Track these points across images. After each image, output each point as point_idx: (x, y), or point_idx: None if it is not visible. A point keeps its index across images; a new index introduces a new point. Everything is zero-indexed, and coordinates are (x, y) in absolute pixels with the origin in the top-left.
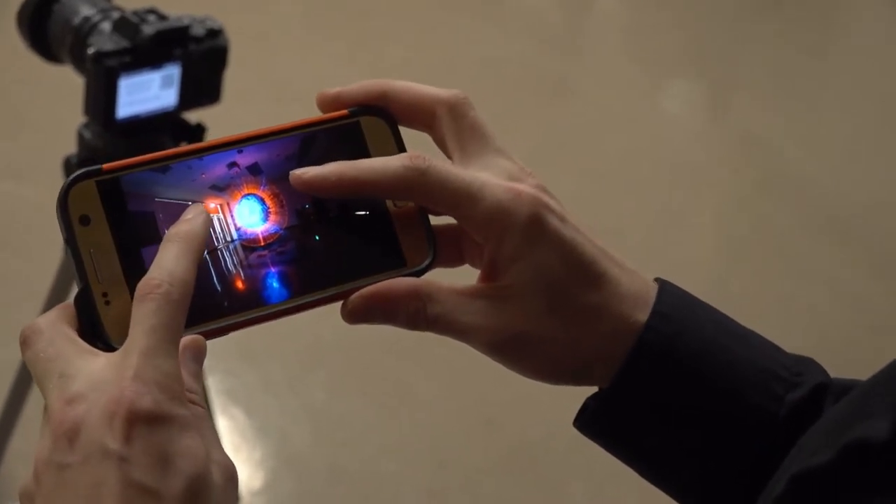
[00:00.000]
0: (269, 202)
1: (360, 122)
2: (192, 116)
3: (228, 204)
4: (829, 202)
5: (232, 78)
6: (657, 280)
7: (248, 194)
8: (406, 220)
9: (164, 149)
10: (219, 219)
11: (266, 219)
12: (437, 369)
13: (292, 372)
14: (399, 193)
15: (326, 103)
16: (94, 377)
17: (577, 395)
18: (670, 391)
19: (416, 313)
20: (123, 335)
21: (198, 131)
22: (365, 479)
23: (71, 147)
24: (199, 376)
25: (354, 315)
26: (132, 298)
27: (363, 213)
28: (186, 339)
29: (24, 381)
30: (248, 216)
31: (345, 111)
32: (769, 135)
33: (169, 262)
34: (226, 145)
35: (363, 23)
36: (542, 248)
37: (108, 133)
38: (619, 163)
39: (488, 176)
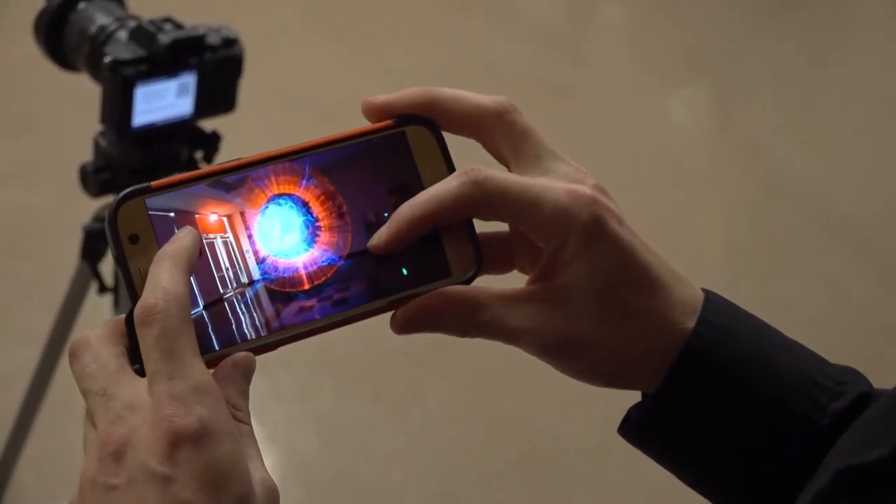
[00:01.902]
0: (323, 222)
1: (405, 133)
2: (208, 125)
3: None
4: (833, 207)
5: (243, 84)
6: (704, 290)
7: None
8: (452, 231)
9: (179, 157)
10: (269, 229)
11: (315, 242)
12: (444, 376)
13: (301, 379)
14: (465, 212)
15: (372, 112)
16: (136, 398)
17: (586, 401)
18: (715, 398)
19: (465, 321)
20: None
21: (213, 140)
22: (373, 486)
23: (78, 152)
24: (245, 394)
25: (404, 327)
26: None
27: None
28: (237, 357)
29: (38, 387)
30: (301, 235)
31: (390, 121)
32: (773, 140)
33: (162, 281)
34: (274, 158)
35: (367, 27)
36: (600, 249)
37: (123, 141)
38: (624, 168)
39: (547, 180)
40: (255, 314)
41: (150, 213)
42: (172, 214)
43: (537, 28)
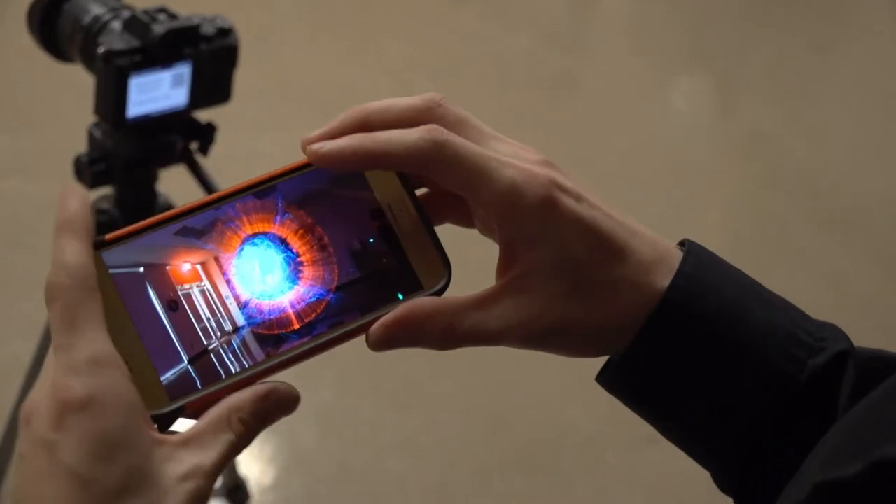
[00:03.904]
0: (305, 257)
1: None
2: (203, 116)
3: (245, 256)
4: (835, 198)
5: (237, 76)
6: (685, 242)
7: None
8: (416, 242)
9: (174, 148)
10: (247, 271)
11: (300, 278)
12: (445, 368)
13: (301, 370)
14: (415, 166)
15: (317, 158)
16: (50, 371)
17: (585, 394)
18: (690, 351)
19: (444, 332)
20: (149, 400)
21: (209, 130)
22: (373, 478)
23: (77, 143)
24: (261, 420)
25: (379, 344)
26: (151, 361)
27: (372, 241)
28: (281, 389)
29: (33, 377)
30: (283, 273)
31: None
32: (775, 131)
33: (64, 256)
34: (226, 197)
35: (368, 19)
36: (559, 230)
37: (118, 132)
38: (625, 159)
39: (504, 157)
40: (244, 362)
41: (110, 271)
42: (141, 269)
43: (538, 19)
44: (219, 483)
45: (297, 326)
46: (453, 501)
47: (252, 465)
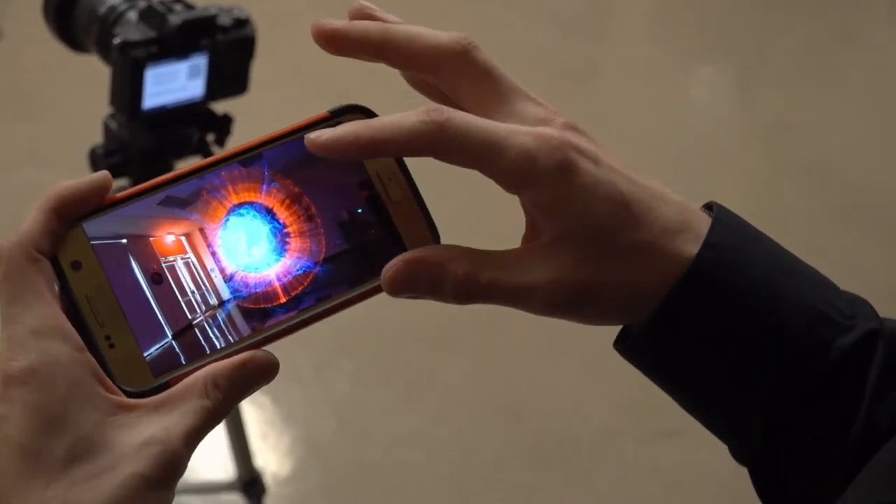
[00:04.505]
0: (291, 227)
1: (343, 122)
2: (220, 107)
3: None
4: (856, 188)
5: (255, 65)
6: (712, 207)
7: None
8: (405, 213)
9: (190, 140)
10: (233, 243)
11: (286, 250)
12: (461, 359)
13: (318, 361)
14: (418, 150)
15: (322, 37)
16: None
17: (600, 385)
18: (715, 322)
19: (466, 279)
20: (132, 376)
21: (225, 122)
22: (388, 469)
23: (92, 133)
24: (238, 392)
25: (396, 282)
26: (134, 336)
27: (360, 211)
28: (259, 357)
29: None
30: (270, 245)
31: (326, 113)
32: (795, 120)
33: (22, 224)
34: (210, 166)
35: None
36: (579, 194)
37: (134, 124)
38: (644, 148)
39: (513, 124)
40: (230, 337)
41: (92, 242)
42: (124, 241)
43: (557, 8)
44: (234, 477)
45: (283, 300)
46: (468, 493)
47: (269, 457)
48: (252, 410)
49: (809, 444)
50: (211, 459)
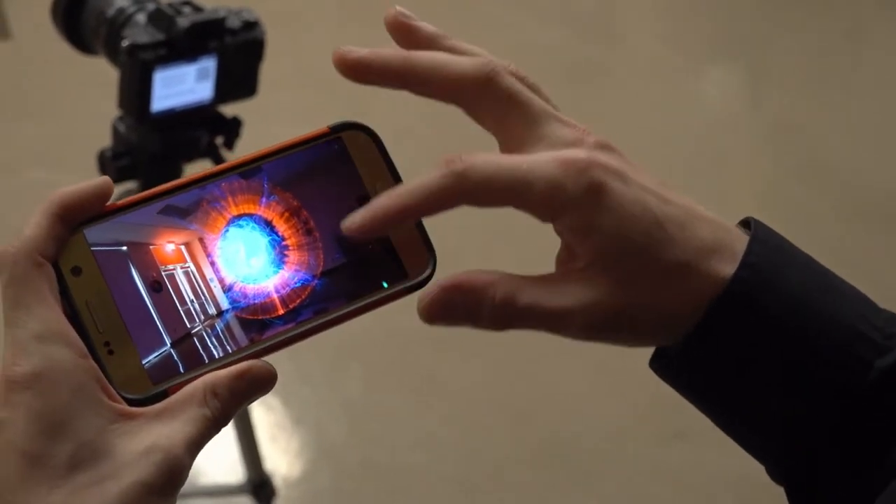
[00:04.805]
0: (290, 241)
1: (342, 139)
2: (229, 110)
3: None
4: (867, 188)
5: (264, 67)
6: (749, 223)
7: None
8: (401, 230)
9: (199, 143)
10: (232, 253)
11: (285, 263)
12: (469, 362)
13: (328, 363)
14: (448, 206)
15: (345, 66)
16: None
17: (608, 388)
18: (753, 343)
19: (504, 303)
20: (131, 383)
21: (234, 125)
22: (398, 471)
23: (101, 134)
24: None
25: (434, 309)
26: (133, 343)
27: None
28: (257, 367)
29: None
30: (269, 257)
31: (325, 128)
32: (806, 119)
33: (26, 228)
34: (210, 177)
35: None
36: (610, 216)
37: (142, 127)
38: (655, 149)
39: (538, 153)
40: (228, 347)
41: (92, 248)
42: (125, 248)
43: (566, 7)
44: (243, 479)
45: (281, 312)
46: (477, 494)
47: (279, 459)
48: (262, 413)
49: (849, 465)
50: (220, 462)
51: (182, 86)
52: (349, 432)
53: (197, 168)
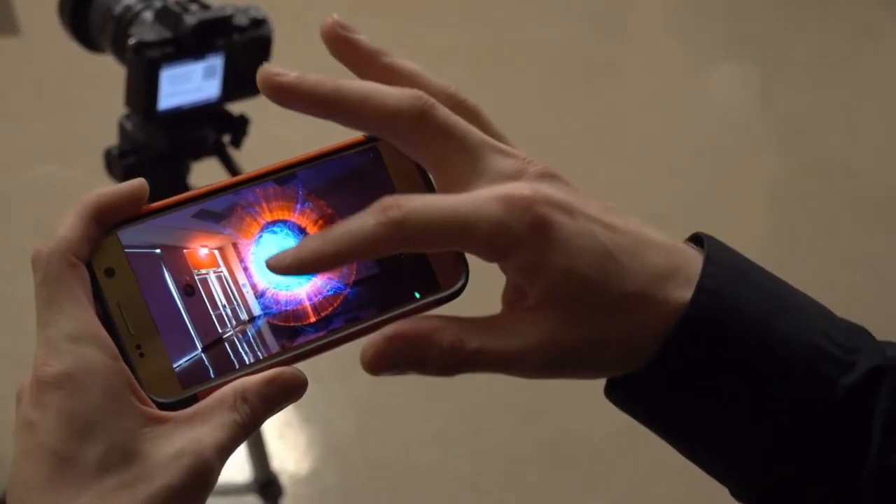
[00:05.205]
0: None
1: (377, 147)
2: (236, 108)
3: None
4: (878, 186)
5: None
6: (700, 242)
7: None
8: None
9: (206, 141)
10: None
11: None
12: None
13: (337, 361)
14: (384, 253)
15: (270, 89)
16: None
17: None
18: (712, 368)
19: (452, 349)
20: (161, 386)
21: (241, 123)
22: (406, 469)
23: (112, 130)
24: (264, 411)
25: (377, 362)
26: (164, 346)
27: None
28: (286, 374)
29: None
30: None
31: (361, 137)
32: (817, 117)
33: (59, 228)
34: (245, 182)
35: (405, 7)
36: (559, 252)
37: (149, 125)
38: (665, 147)
39: (478, 190)
40: (259, 353)
41: (126, 250)
42: (158, 251)
43: (576, 5)
44: (250, 479)
45: (313, 319)
46: (486, 493)
47: (286, 456)
48: None
49: (817, 486)
50: (227, 461)
51: (189, 84)
52: (357, 430)
53: (204, 166)
